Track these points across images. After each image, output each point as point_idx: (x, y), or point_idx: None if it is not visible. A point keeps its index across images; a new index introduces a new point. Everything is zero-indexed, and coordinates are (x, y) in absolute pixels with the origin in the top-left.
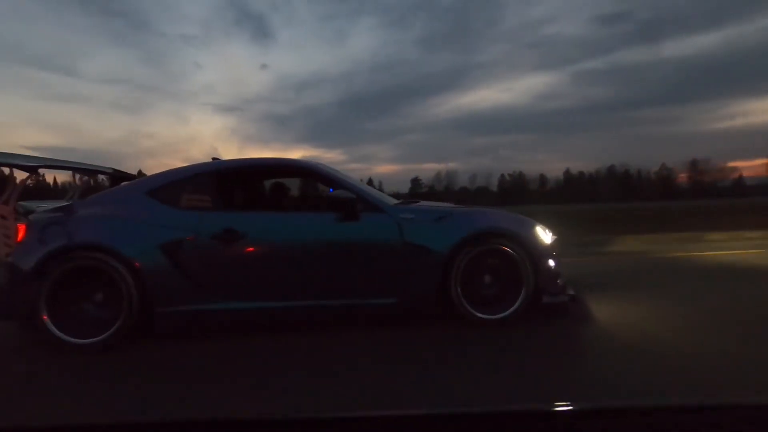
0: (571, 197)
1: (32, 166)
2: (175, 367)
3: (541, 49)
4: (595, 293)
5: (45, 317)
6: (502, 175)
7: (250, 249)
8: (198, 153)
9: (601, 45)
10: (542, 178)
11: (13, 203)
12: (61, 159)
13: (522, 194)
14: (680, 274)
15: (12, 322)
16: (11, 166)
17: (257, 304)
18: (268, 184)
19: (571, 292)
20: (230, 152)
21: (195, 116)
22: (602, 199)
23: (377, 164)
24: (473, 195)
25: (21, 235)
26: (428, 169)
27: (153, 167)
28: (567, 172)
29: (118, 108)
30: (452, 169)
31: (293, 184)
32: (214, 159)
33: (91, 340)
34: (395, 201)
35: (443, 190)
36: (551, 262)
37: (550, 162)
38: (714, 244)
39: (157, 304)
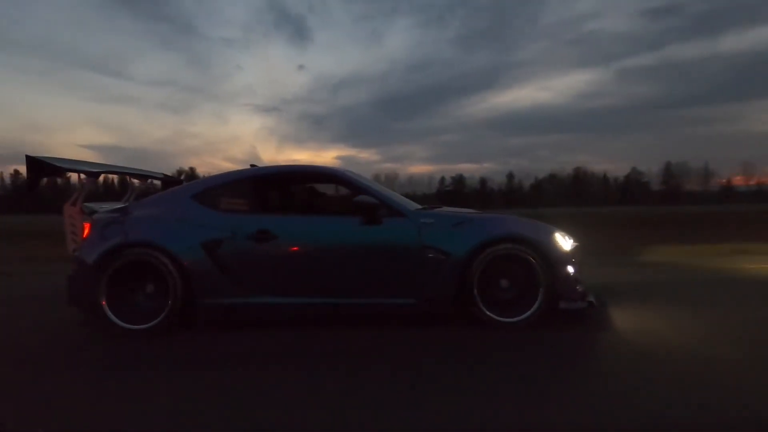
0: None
1: (96, 171)
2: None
3: (583, 45)
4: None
5: (104, 303)
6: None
7: (282, 249)
8: (238, 152)
9: (649, 40)
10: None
11: (79, 204)
12: (119, 165)
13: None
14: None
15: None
16: (78, 171)
17: (287, 299)
18: (299, 188)
19: (591, 299)
20: (268, 151)
21: (235, 116)
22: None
23: (411, 164)
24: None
25: (86, 232)
26: (463, 169)
27: (196, 166)
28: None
29: (164, 109)
30: (487, 169)
31: (323, 189)
32: (252, 165)
33: (140, 326)
34: (417, 206)
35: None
36: (570, 269)
37: (591, 164)
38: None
39: (199, 296)
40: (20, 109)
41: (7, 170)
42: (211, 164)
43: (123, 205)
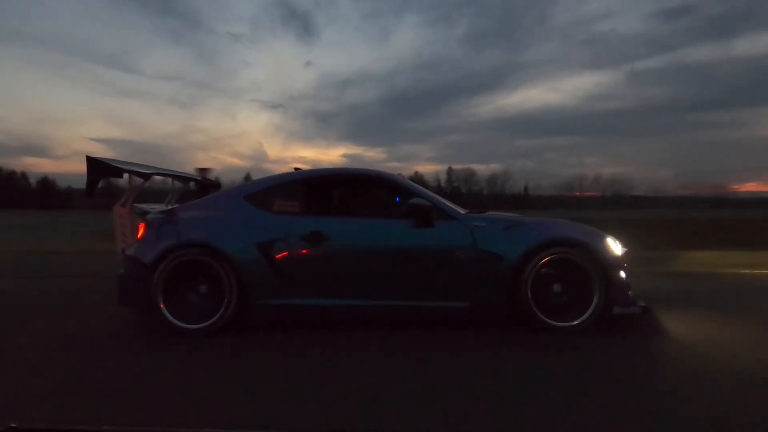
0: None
1: (146, 173)
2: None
3: (593, 46)
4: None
5: (161, 305)
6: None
7: (334, 250)
8: (245, 148)
9: (661, 42)
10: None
11: (129, 205)
12: (165, 167)
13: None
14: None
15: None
16: (129, 172)
17: (339, 301)
18: (348, 191)
19: (642, 303)
20: (275, 148)
21: (242, 112)
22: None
23: (418, 164)
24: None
25: (141, 232)
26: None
27: (203, 161)
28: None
29: (173, 103)
30: (502, 170)
31: (370, 193)
32: (296, 168)
33: (196, 325)
34: (465, 210)
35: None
36: (622, 273)
37: (600, 167)
38: None
39: (252, 296)
40: (32, 102)
41: (21, 163)
42: (218, 160)
43: (174, 207)
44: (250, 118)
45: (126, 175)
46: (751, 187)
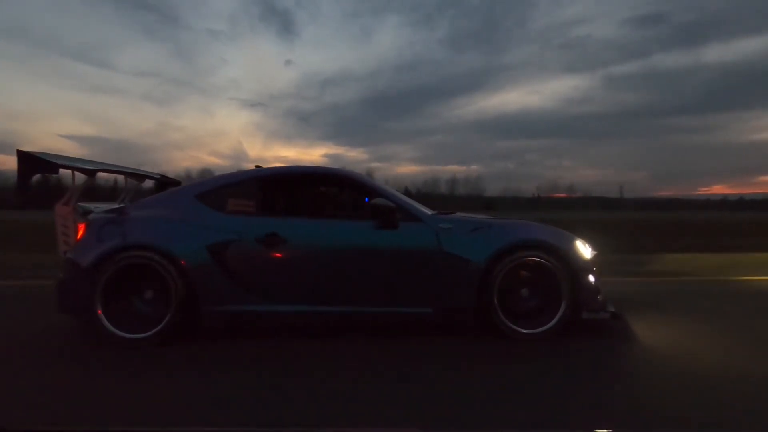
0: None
1: (91, 170)
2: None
3: (571, 51)
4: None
5: (99, 311)
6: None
7: (292, 253)
8: (224, 147)
9: (635, 48)
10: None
11: (72, 204)
12: (114, 163)
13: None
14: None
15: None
16: (72, 169)
17: (297, 307)
18: (308, 191)
19: (612, 308)
20: (255, 147)
21: (221, 110)
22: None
23: (399, 164)
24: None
25: (81, 233)
26: (450, 171)
27: (180, 159)
28: None
29: (149, 100)
30: (475, 171)
31: (332, 192)
32: (257, 167)
33: (139, 335)
34: (431, 211)
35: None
36: (591, 278)
37: (577, 169)
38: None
39: (203, 303)
40: None
41: None
42: (195, 158)
43: (120, 206)
44: (230, 116)
45: (69, 172)
46: (718, 189)
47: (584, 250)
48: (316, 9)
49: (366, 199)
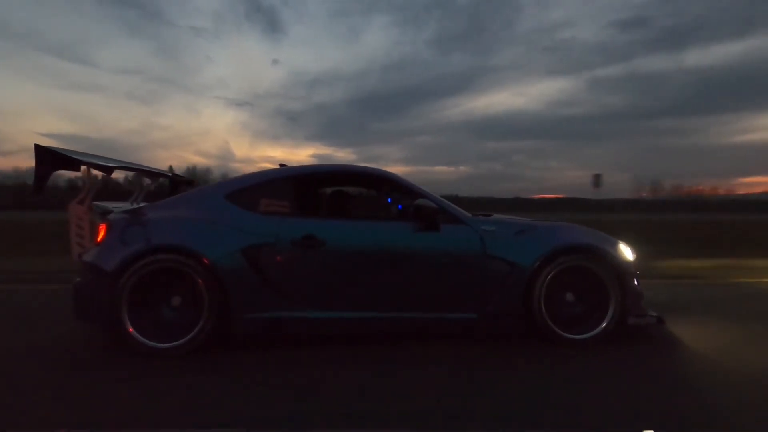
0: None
1: (109, 167)
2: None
3: (556, 53)
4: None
5: (127, 320)
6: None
7: (331, 257)
8: (210, 146)
9: (618, 51)
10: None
11: (88, 203)
12: (129, 161)
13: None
14: None
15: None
16: (89, 165)
17: (335, 313)
18: (344, 190)
19: (654, 313)
20: (242, 147)
21: (207, 109)
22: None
23: (387, 165)
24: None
25: (102, 235)
26: (438, 171)
27: (166, 159)
28: None
29: (132, 98)
30: (463, 172)
31: (368, 192)
32: (281, 165)
33: (168, 344)
34: (470, 214)
35: None
36: (635, 281)
37: (563, 170)
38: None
39: (237, 309)
40: None
41: None
42: (181, 158)
43: (141, 205)
44: (215, 115)
45: (84, 169)
46: (699, 190)
47: (628, 253)
48: (303, 8)
49: (389, 199)
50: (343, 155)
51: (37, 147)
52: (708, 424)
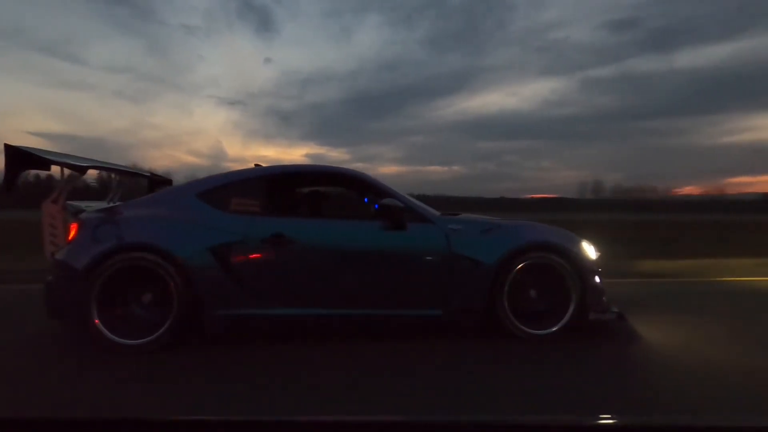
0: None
1: (82, 166)
2: (219, 368)
3: (549, 53)
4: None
5: (95, 316)
6: None
7: (299, 255)
8: (202, 146)
9: (610, 52)
10: None
11: (62, 202)
12: (105, 161)
13: None
14: None
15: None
16: (63, 165)
17: (304, 310)
18: (314, 190)
19: (616, 309)
20: (235, 146)
21: (199, 108)
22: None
23: (381, 164)
24: None
25: (73, 233)
26: (432, 171)
27: (157, 158)
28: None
29: (122, 97)
30: (456, 172)
31: (333, 192)
32: (256, 165)
33: (137, 341)
34: (438, 212)
35: None
36: (597, 279)
37: (556, 170)
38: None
39: (206, 306)
40: None
41: None
42: (173, 157)
43: (113, 205)
44: (208, 114)
45: (59, 169)
46: (689, 190)
47: (590, 251)
48: (296, 7)
49: (365, 199)
50: (336, 155)
51: (7, 146)
52: (650, 410)
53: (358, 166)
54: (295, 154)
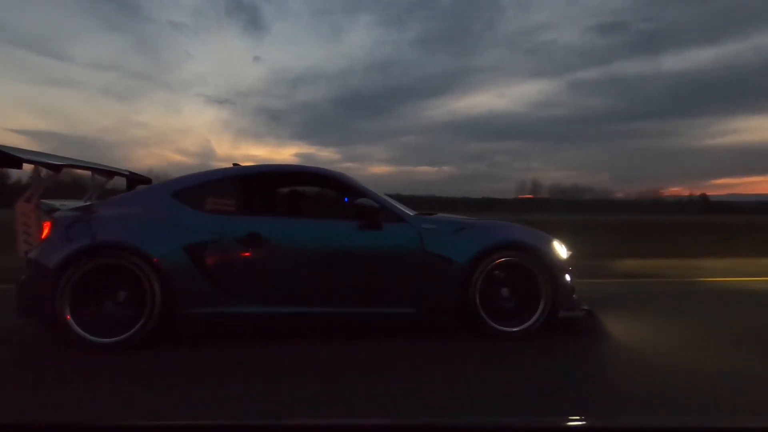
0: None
1: (57, 165)
2: (192, 369)
3: (537, 55)
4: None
5: (68, 316)
6: None
7: (274, 254)
8: (190, 144)
9: (597, 55)
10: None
11: (35, 201)
12: (81, 159)
13: None
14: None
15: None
16: (36, 163)
17: (279, 309)
18: (291, 190)
19: (586, 307)
20: (224, 146)
21: (187, 107)
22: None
23: (371, 165)
24: None
25: (46, 232)
26: (422, 171)
27: (144, 157)
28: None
29: (108, 95)
30: (446, 173)
31: (313, 191)
32: (234, 165)
33: (110, 339)
34: (414, 212)
35: None
36: (567, 277)
37: (544, 171)
38: None
39: (180, 305)
40: None
41: None
42: (160, 156)
43: (88, 203)
44: (196, 113)
45: (33, 167)
46: (677, 191)
47: (561, 250)
48: (285, 5)
49: (346, 199)
50: (326, 155)
51: None
52: (614, 409)
53: (348, 166)
54: (284, 153)
